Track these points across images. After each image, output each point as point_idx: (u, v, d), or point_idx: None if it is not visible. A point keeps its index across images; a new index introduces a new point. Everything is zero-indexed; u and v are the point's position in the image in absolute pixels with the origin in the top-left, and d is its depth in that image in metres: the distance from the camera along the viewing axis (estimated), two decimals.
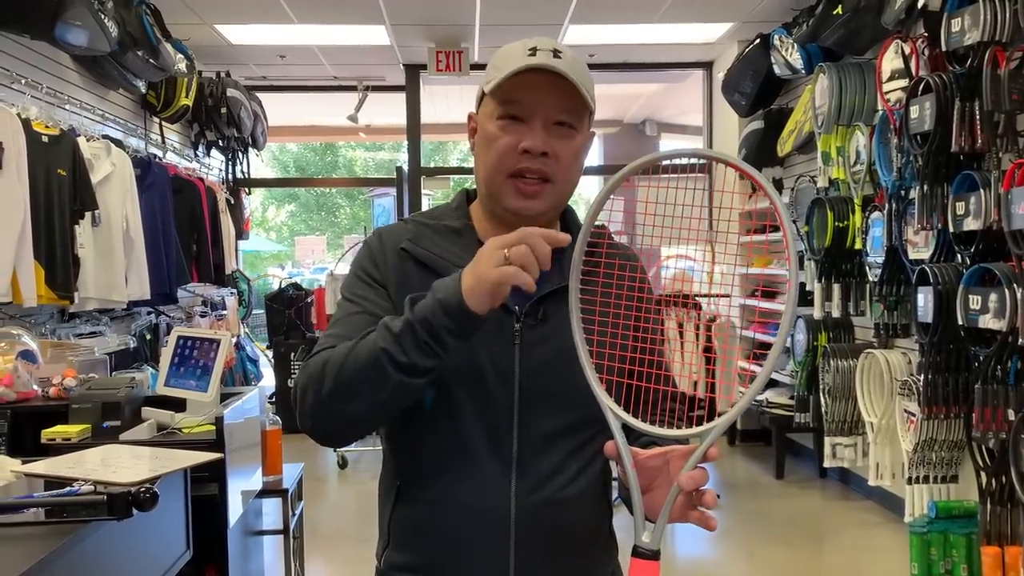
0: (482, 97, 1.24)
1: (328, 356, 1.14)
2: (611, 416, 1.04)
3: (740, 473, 5.85)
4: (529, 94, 1.18)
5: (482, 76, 1.25)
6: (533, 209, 1.21)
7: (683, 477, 0.98)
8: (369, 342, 1.10)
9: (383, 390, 1.09)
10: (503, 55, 1.20)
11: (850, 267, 4.65)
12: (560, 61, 1.16)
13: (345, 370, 1.10)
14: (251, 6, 5.47)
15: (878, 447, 4.32)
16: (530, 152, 1.18)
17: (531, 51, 1.17)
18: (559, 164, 1.20)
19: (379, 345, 1.08)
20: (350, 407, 1.12)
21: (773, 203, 0.97)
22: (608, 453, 1.05)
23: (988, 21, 3.27)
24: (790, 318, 0.96)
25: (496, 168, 1.20)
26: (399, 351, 1.07)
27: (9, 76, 3.93)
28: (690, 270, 2.47)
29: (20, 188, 3.56)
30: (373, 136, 15.21)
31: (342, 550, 4.34)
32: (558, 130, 1.19)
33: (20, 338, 3.01)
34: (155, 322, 5.43)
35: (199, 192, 5.64)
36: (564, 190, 1.23)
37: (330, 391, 1.11)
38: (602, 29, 6.17)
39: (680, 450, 1.02)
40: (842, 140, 4.63)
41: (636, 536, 1.00)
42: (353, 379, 1.10)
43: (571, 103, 1.19)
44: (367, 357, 1.09)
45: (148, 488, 1.44)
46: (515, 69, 1.16)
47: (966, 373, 3.59)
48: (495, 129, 1.20)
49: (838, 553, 4.33)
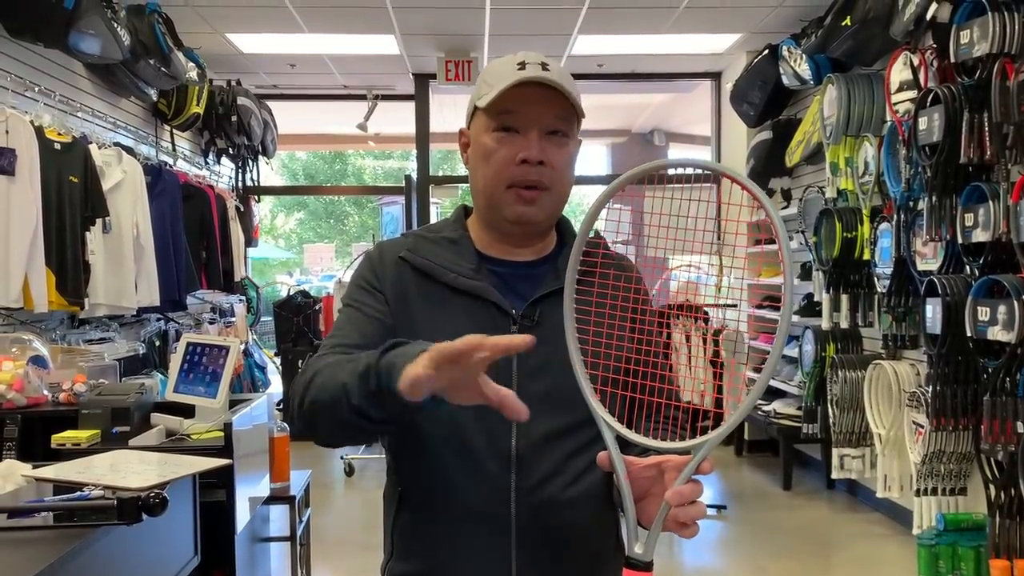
0: (473, 112, 1.28)
1: (317, 370, 1.14)
2: (604, 427, 1.04)
3: (747, 484, 5.83)
4: (523, 106, 1.21)
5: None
6: (532, 216, 1.25)
7: (671, 493, 0.98)
8: (339, 375, 1.07)
9: (343, 426, 1.09)
10: (492, 71, 1.24)
11: (858, 278, 4.64)
12: (549, 73, 1.20)
13: (319, 394, 1.10)
14: (262, 16, 5.50)
15: (886, 459, 4.30)
16: (528, 162, 1.21)
17: (520, 65, 1.21)
18: (555, 172, 1.24)
19: (341, 379, 1.06)
20: (321, 428, 1.14)
21: (768, 215, 0.97)
22: (601, 464, 1.05)
23: (997, 33, 3.27)
24: (784, 332, 0.96)
25: (495, 179, 1.24)
26: (354, 393, 1.03)
27: (23, 84, 3.96)
28: (697, 279, 2.48)
29: (32, 194, 3.59)
30: (382, 145, 15.25)
31: (348, 557, 4.34)
32: (552, 139, 1.23)
33: (31, 344, 3.03)
34: (164, 328, 5.46)
35: (209, 199, 5.66)
36: (560, 197, 1.27)
37: (307, 409, 1.13)
38: (611, 39, 6.19)
39: (676, 460, 1.02)
40: (851, 151, 4.63)
41: (628, 547, 1.00)
42: (319, 405, 1.10)
43: (563, 111, 1.23)
44: (332, 389, 1.07)
45: (158, 493, 1.45)
46: (508, 84, 1.20)
47: (975, 385, 3.57)
48: (492, 142, 1.23)
49: (846, 565, 4.31)
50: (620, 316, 1.19)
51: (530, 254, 1.31)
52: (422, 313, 1.25)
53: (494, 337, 0.90)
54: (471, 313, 1.23)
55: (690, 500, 0.98)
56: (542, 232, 1.32)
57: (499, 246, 1.31)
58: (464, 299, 1.24)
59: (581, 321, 1.10)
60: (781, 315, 0.97)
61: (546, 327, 1.22)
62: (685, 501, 0.98)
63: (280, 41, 6.12)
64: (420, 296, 1.26)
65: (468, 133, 1.30)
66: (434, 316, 1.24)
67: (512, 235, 1.30)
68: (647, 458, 1.05)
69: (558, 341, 1.09)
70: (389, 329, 1.23)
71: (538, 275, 1.29)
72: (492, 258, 1.30)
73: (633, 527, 1.01)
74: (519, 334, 1.21)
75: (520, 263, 1.30)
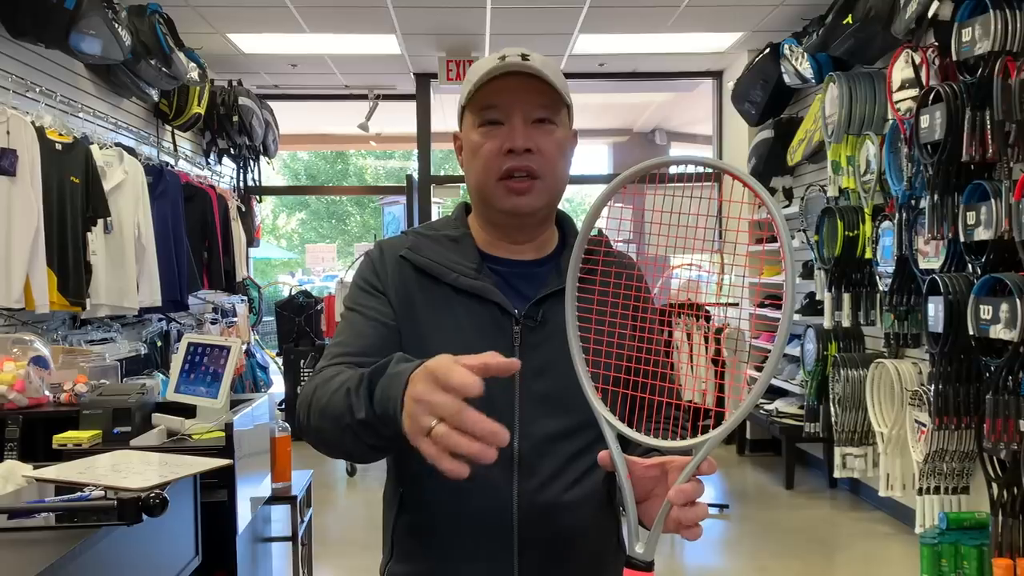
0: (462, 114, 1.28)
1: (317, 385, 1.13)
2: (606, 426, 1.02)
3: (749, 483, 5.83)
4: (504, 96, 1.21)
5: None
6: (526, 206, 1.24)
7: (673, 491, 0.97)
8: (338, 407, 1.06)
9: (355, 454, 1.10)
10: (475, 70, 1.25)
11: (860, 277, 4.64)
12: (529, 62, 1.20)
13: (324, 416, 1.10)
14: (263, 16, 5.50)
15: (888, 457, 4.30)
16: (514, 151, 1.21)
17: (500, 58, 1.21)
18: (544, 159, 1.22)
19: (346, 421, 1.05)
20: (327, 446, 1.14)
21: (770, 212, 0.97)
22: (602, 462, 1.04)
23: (999, 31, 3.26)
24: (785, 331, 0.96)
25: (485, 173, 1.23)
26: (367, 436, 1.04)
27: (24, 84, 3.97)
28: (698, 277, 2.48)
29: (34, 195, 3.59)
30: (383, 144, 15.24)
31: (350, 558, 4.34)
32: (538, 126, 1.22)
33: (32, 344, 3.04)
34: (166, 329, 5.46)
35: (210, 200, 5.67)
36: (553, 186, 1.26)
37: (314, 426, 1.12)
38: (612, 38, 6.18)
39: (679, 461, 1.01)
40: (852, 149, 4.62)
41: (629, 547, 0.99)
42: (325, 427, 1.10)
43: (545, 99, 1.22)
44: (337, 423, 1.06)
45: (158, 494, 1.45)
46: (486, 73, 1.20)
47: (977, 384, 3.57)
48: (478, 137, 1.23)
49: (848, 564, 4.31)
50: (622, 315, 1.18)
51: (532, 253, 1.31)
52: (425, 313, 1.24)
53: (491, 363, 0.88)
54: (473, 313, 1.23)
55: (692, 499, 0.97)
56: (540, 223, 1.30)
57: (500, 244, 1.30)
58: (466, 299, 1.24)
59: (583, 320, 1.09)
60: (783, 313, 0.96)
61: (549, 327, 1.21)
62: (687, 500, 0.97)
63: (281, 41, 6.12)
64: (422, 295, 1.25)
65: (460, 135, 1.30)
66: (436, 316, 1.24)
67: (509, 228, 1.28)
68: (651, 459, 1.04)
69: (560, 342, 1.08)
70: (392, 331, 1.23)
71: (540, 274, 1.28)
72: (494, 257, 1.29)
73: (634, 527, 1.00)
74: (526, 324, 1.22)
75: (522, 262, 1.30)
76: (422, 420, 0.86)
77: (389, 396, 0.95)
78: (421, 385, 0.88)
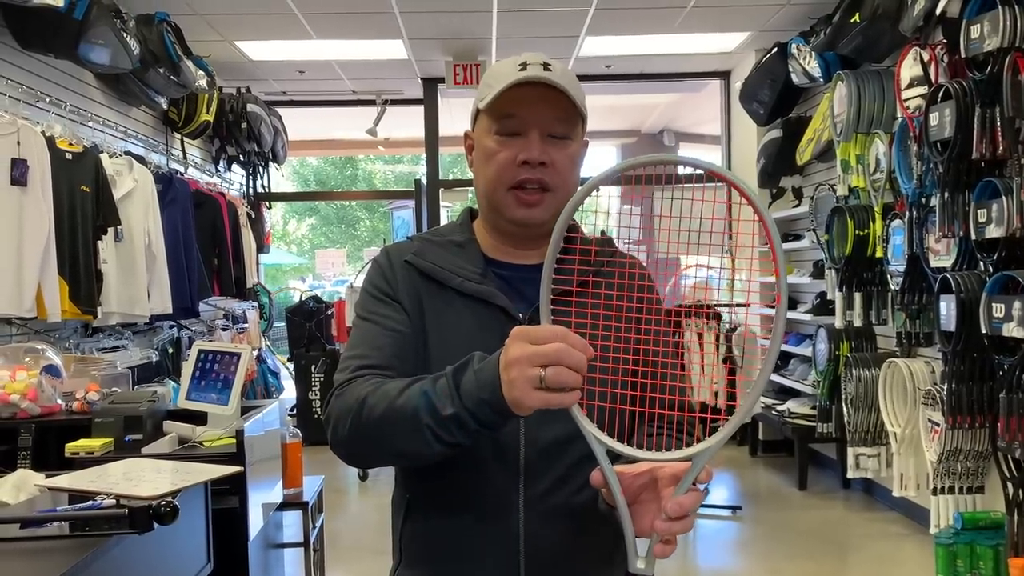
0: (477, 115, 1.27)
1: (365, 395, 1.12)
2: (594, 442, 0.98)
3: (762, 484, 5.80)
4: (524, 107, 1.20)
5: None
6: (535, 218, 1.23)
7: (671, 504, 0.95)
8: (410, 409, 1.07)
9: (422, 455, 1.10)
10: (494, 73, 1.24)
11: (871, 276, 4.61)
12: (551, 73, 1.19)
13: (384, 422, 1.09)
14: (271, 23, 5.52)
15: (902, 457, 4.27)
16: (529, 163, 1.20)
17: (521, 66, 1.20)
18: (557, 173, 1.22)
19: (424, 422, 1.05)
20: (383, 456, 1.15)
21: (757, 211, 0.96)
22: (595, 482, 1.01)
23: (1008, 27, 3.24)
24: (780, 332, 0.94)
25: (497, 181, 1.23)
26: (447, 433, 1.05)
27: (34, 95, 3.99)
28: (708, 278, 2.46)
29: (44, 205, 3.61)
30: (392, 149, 15.29)
31: (362, 563, 4.34)
32: (554, 140, 1.22)
33: (44, 353, 3.05)
34: (177, 336, 5.48)
35: (220, 206, 5.69)
36: (563, 198, 1.23)
37: (364, 435, 1.11)
38: (619, 40, 6.18)
39: (670, 467, 0.99)
40: (861, 148, 4.60)
41: (630, 564, 0.97)
42: (385, 434, 1.10)
43: (564, 113, 1.22)
44: (409, 425, 1.07)
45: (169, 502, 1.45)
46: (508, 83, 1.18)
47: (990, 382, 3.54)
48: (493, 144, 1.23)
49: (862, 565, 4.28)
50: (627, 319, 1.17)
51: (536, 257, 1.30)
52: (430, 316, 1.25)
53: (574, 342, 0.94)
54: (478, 316, 1.23)
55: (687, 512, 0.95)
56: (546, 234, 1.29)
57: (505, 249, 1.30)
58: (471, 303, 1.24)
59: (582, 326, 1.08)
60: (776, 313, 0.94)
61: None
62: (685, 512, 0.95)
63: (289, 48, 6.15)
64: (428, 299, 1.25)
65: (472, 136, 1.30)
66: (441, 320, 1.24)
67: (516, 237, 1.29)
68: (638, 464, 1.02)
69: None
70: (408, 338, 1.23)
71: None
72: (498, 261, 1.30)
73: (632, 544, 0.98)
74: None
75: (526, 266, 1.29)
76: (529, 372, 0.93)
77: (486, 381, 1.00)
78: (516, 347, 0.96)
